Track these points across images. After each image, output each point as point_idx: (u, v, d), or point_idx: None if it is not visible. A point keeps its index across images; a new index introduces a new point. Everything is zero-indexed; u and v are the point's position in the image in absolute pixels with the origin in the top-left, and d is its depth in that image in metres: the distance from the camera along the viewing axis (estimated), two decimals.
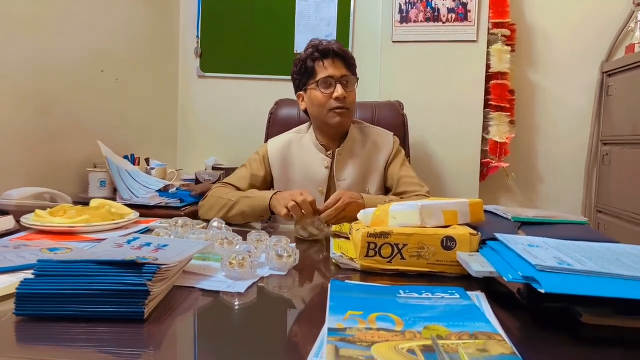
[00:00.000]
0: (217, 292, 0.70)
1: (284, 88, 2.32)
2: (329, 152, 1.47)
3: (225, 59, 2.50)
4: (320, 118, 1.44)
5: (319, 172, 1.46)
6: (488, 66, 2.13)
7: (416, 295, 0.67)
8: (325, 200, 1.42)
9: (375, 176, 1.47)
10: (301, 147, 1.50)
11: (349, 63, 1.41)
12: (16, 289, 0.58)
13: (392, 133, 1.56)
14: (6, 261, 0.77)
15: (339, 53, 1.39)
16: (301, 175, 1.47)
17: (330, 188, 1.46)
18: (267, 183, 1.50)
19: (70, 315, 0.58)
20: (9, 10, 1.43)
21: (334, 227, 1.11)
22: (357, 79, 1.45)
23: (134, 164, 1.79)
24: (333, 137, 1.48)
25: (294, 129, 1.58)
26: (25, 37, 1.49)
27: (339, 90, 1.37)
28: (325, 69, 1.39)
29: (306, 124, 1.56)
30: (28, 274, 0.61)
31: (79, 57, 1.75)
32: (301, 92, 1.48)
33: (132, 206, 1.30)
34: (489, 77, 2.14)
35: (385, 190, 1.50)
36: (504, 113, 2.14)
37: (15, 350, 0.52)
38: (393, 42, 2.16)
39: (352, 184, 1.44)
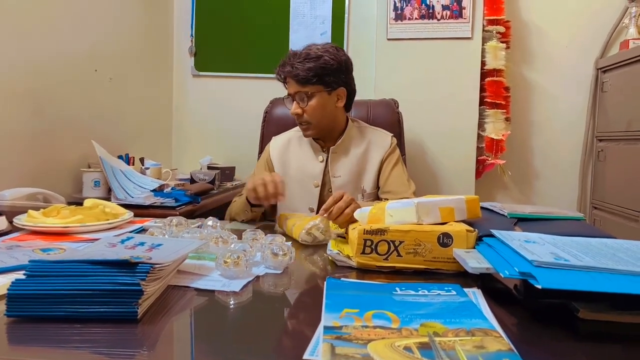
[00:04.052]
0: (212, 291, 0.70)
1: (279, 87, 2.28)
2: (324, 149, 1.50)
3: (219, 58, 2.49)
4: None
5: (314, 166, 1.49)
6: (483, 63, 2.13)
7: (413, 292, 0.66)
8: (321, 194, 1.46)
9: (371, 175, 1.48)
10: (299, 145, 1.55)
11: (299, 78, 1.38)
12: (7, 289, 0.57)
13: (392, 134, 1.57)
14: None
15: (288, 73, 1.39)
16: (298, 171, 1.50)
17: (325, 183, 1.48)
18: None
19: (63, 316, 0.57)
20: (2, 10, 1.41)
21: (331, 227, 1.10)
22: (330, 89, 1.41)
23: (128, 164, 1.78)
24: (324, 137, 1.50)
25: (296, 128, 1.60)
26: (18, 36, 1.48)
27: (292, 108, 1.42)
28: (287, 87, 1.44)
29: None
30: (20, 275, 0.60)
31: (72, 56, 1.74)
32: None
33: (127, 206, 1.29)
34: (484, 74, 2.14)
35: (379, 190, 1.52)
36: (499, 110, 2.14)
37: (7, 352, 0.51)
38: (388, 39, 2.16)
39: (347, 182, 1.46)
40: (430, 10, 2.11)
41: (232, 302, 0.67)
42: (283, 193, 1.18)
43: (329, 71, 1.39)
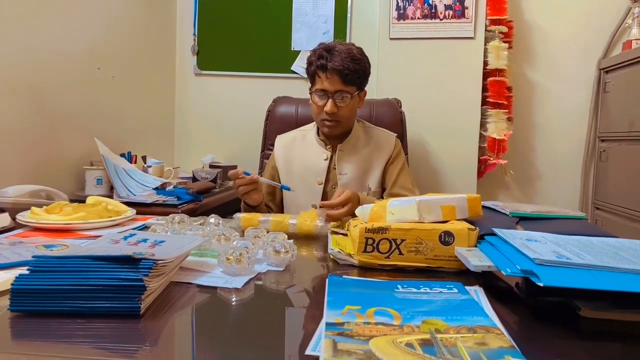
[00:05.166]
0: (215, 288, 0.70)
1: (281, 85, 2.32)
2: (328, 147, 1.52)
3: (222, 57, 2.49)
4: (316, 122, 1.52)
5: (318, 164, 1.50)
6: (486, 63, 2.13)
7: (414, 290, 0.66)
8: (324, 190, 1.49)
9: (375, 174, 1.50)
10: (304, 143, 1.57)
11: (347, 78, 1.38)
12: (11, 284, 0.58)
13: (396, 135, 1.60)
14: (1, 258, 0.77)
15: (335, 69, 1.37)
16: (302, 168, 1.52)
17: (328, 180, 1.50)
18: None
19: (66, 311, 0.57)
20: (4, 6, 1.42)
21: (332, 224, 1.10)
22: (359, 91, 1.44)
23: (131, 162, 1.78)
24: (335, 136, 1.52)
25: (301, 127, 1.65)
26: (21, 33, 1.48)
27: (328, 105, 1.39)
28: (322, 82, 1.40)
29: (313, 122, 1.59)
30: (23, 271, 0.60)
31: (75, 54, 1.74)
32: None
33: (129, 204, 1.29)
34: (486, 74, 2.14)
35: (382, 189, 1.54)
36: (501, 110, 2.14)
37: (10, 347, 0.52)
38: (390, 39, 2.16)
39: (353, 179, 1.48)
40: (433, 10, 2.11)
41: (234, 299, 0.67)
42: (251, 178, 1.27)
43: (365, 75, 1.45)
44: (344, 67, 1.36)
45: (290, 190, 1.33)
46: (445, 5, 2.10)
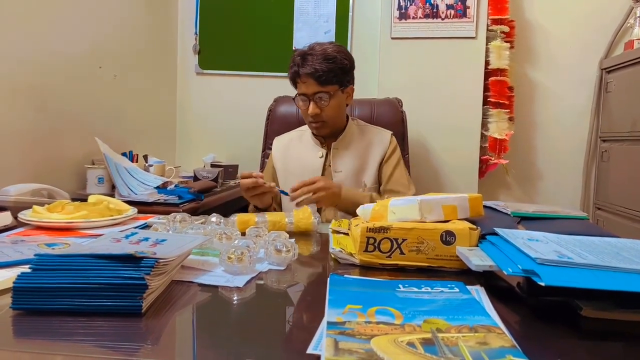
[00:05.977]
0: (216, 286, 0.70)
1: (282, 85, 2.30)
2: (324, 145, 1.54)
3: (223, 56, 2.49)
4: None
5: (314, 162, 1.52)
6: (487, 63, 2.13)
7: (416, 289, 0.66)
8: None
9: (371, 171, 1.51)
10: (300, 143, 1.59)
11: (321, 79, 1.39)
12: (13, 282, 0.58)
13: (391, 132, 1.59)
14: (3, 256, 0.77)
15: (308, 73, 1.39)
16: (298, 168, 1.53)
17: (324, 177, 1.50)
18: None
19: (68, 309, 0.57)
20: (5, 6, 1.42)
21: (333, 223, 1.10)
22: (343, 87, 1.45)
23: (132, 161, 1.78)
24: (327, 134, 1.53)
25: (298, 128, 1.66)
26: (23, 32, 1.49)
27: (310, 108, 1.42)
28: (300, 86, 1.44)
29: None
30: (25, 269, 0.60)
31: (77, 53, 1.74)
32: None
33: (130, 203, 1.29)
34: (488, 73, 2.14)
35: (379, 186, 1.54)
36: (503, 110, 2.14)
37: (12, 344, 0.52)
38: (392, 38, 2.16)
39: (349, 176, 1.49)
40: (435, 10, 2.11)
41: (235, 298, 0.67)
42: (263, 183, 1.27)
43: (345, 71, 1.44)
44: (316, 69, 1.38)
45: (289, 196, 1.31)
46: (446, 4, 2.10)
